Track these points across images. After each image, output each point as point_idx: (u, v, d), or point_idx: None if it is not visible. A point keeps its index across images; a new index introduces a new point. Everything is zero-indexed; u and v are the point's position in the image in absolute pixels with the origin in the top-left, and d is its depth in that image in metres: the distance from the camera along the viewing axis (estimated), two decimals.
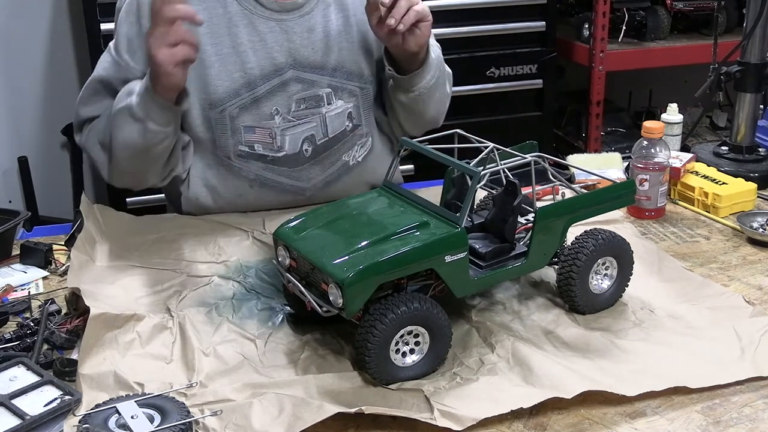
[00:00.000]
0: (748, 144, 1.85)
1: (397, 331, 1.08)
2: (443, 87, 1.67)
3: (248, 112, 1.55)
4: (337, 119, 1.61)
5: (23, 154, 3.05)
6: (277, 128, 1.56)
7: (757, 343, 1.17)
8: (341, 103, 1.61)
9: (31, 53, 3.00)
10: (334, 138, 1.61)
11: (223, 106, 1.54)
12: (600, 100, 3.05)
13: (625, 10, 3.05)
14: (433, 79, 1.59)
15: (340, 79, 1.60)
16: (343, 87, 1.61)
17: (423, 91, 1.60)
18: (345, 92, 1.61)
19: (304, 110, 1.58)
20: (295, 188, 1.62)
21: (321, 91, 1.59)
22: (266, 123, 1.56)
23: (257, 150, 1.57)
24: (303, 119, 1.58)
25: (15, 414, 1.03)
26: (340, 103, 1.61)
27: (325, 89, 1.59)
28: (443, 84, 1.66)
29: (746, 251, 1.50)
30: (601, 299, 1.28)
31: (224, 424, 1.01)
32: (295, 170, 1.60)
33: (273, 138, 1.56)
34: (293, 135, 1.57)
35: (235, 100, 1.54)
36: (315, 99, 1.58)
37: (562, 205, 1.26)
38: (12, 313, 1.30)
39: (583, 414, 1.05)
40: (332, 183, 1.65)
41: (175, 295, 1.32)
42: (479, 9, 2.89)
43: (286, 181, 1.61)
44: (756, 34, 1.77)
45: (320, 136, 1.60)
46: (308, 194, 1.63)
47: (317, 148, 1.60)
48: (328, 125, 1.60)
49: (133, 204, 2.66)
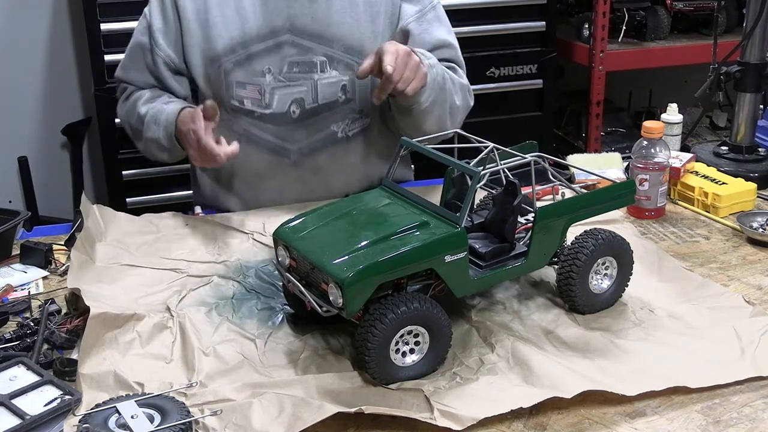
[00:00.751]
0: (748, 144, 1.85)
1: (397, 331, 1.08)
2: (444, 105, 1.63)
3: (241, 68, 1.62)
4: (329, 88, 1.64)
5: (23, 154, 3.05)
6: (267, 86, 1.62)
7: (757, 343, 1.17)
8: (336, 73, 1.64)
9: (31, 53, 3.00)
10: (323, 105, 1.64)
11: (219, 61, 1.62)
12: (600, 100, 3.05)
13: (625, 10, 3.04)
14: (428, 100, 1.57)
15: (337, 51, 1.63)
16: (339, 59, 1.64)
17: (419, 109, 1.59)
18: (341, 64, 1.64)
19: (296, 73, 1.62)
20: (280, 148, 1.66)
21: (315, 58, 1.62)
22: (257, 80, 1.62)
23: (246, 105, 1.64)
24: (294, 82, 1.63)
25: (15, 414, 1.03)
26: (334, 73, 1.64)
27: (319, 57, 1.63)
28: (444, 102, 1.63)
29: (746, 251, 1.50)
30: (601, 299, 1.28)
31: (224, 423, 1.01)
32: (280, 128, 1.64)
33: (262, 95, 1.62)
34: (282, 95, 1.62)
35: (231, 56, 1.62)
36: (308, 64, 1.62)
37: (562, 205, 1.26)
38: (12, 313, 1.30)
39: (583, 414, 1.05)
40: (318, 151, 1.67)
41: (175, 295, 1.32)
42: (479, 9, 2.88)
43: (271, 139, 1.65)
44: (756, 34, 1.77)
45: (309, 100, 1.63)
46: (293, 158, 1.66)
47: (305, 112, 1.64)
48: (319, 92, 1.63)
49: (133, 204, 2.67)
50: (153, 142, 1.64)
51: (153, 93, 1.70)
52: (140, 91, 1.72)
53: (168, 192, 2.68)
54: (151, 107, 1.65)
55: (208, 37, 1.62)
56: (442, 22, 1.74)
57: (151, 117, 1.64)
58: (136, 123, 1.68)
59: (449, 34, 1.74)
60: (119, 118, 1.79)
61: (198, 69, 1.65)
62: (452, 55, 1.74)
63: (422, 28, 1.69)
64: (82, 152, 3.11)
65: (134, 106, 1.70)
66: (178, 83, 1.70)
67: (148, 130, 1.64)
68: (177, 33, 1.64)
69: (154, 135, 1.63)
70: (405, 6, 1.68)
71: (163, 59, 1.66)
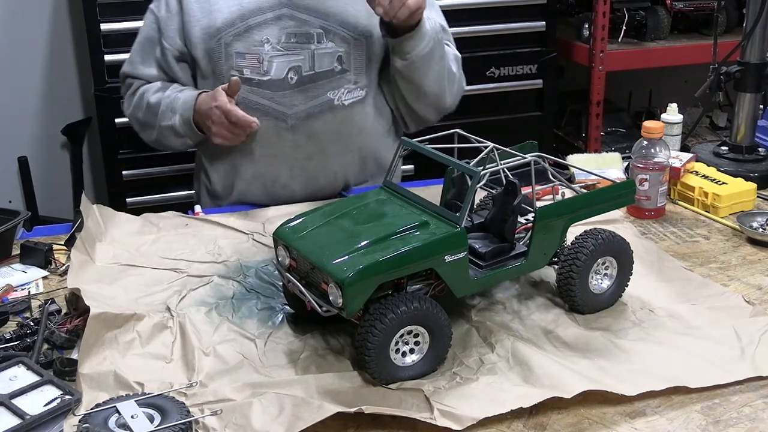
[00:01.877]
0: (747, 144, 1.85)
1: (397, 331, 1.08)
2: (441, 61, 1.72)
3: (240, 40, 1.68)
4: (325, 57, 1.70)
5: (23, 154, 3.05)
6: (265, 54, 1.68)
7: (757, 342, 1.17)
8: (332, 45, 1.69)
9: (31, 53, 3.00)
10: (320, 73, 1.69)
11: (219, 35, 1.68)
12: (600, 100, 3.05)
13: (625, 10, 3.04)
14: (427, 47, 1.66)
15: (333, 24, 1.69)
16: (335, 32, 1.69)
17: (417, 58, 1.66)
18: (337, 37, 1.70)
19: (294, 43, 1.68)
20: (277, 112, 1.70)
21: (312, 30, 1.69)
22: (256, 49, 1.68)
23: (245, 74, 1.68)
24: (291, 51, 1.68)
25: (15, 414, 1.03)
26: (330, 44, 1.69)
27: (316, 29, 1.68)
28: (441, 58, 1.72)
29: (746, 251, 1.50)
30: (601, 299, 1.28)
31: (224, 423, 1.01)
32: (277, 94, 1.69)
33: (260, 63, 1.68)
34: (280, 62, 1.68)
35: (231, 29, 1.68)
36: (306, 36, 1.68)
37: (562, 205, 1.26)
38: (12, 313, 1.30)
39: (582, 414, 1.05)
40: (314, 117, 1.71)
41: (175, 295, 1.32)
42: (479, 9, 2.88)
43: (269, 104, 1.69)
44: (756, 34, 1.77)
45: (307, 68, 1.69)
46: (290, 123, 1.70)
47: (302, 79, 1.69)
48: (316, 61, 1.69)
49: (133, 204, 2.67)
50: (168, 129, 1.72)
51: (160, 84, 1.77)
52: (146, 85, 1.78)
53: (168, 192, 2.68)
54: (165, 96, 1.72)
55: (209, 14, 1.68)
56: (434, 7, 1.80)
57: (167, 105, 1.71)
58: (146, 115, 1.75)
59: (441, 18, 1.82)
60: (126, 112, 1.84)
61: (199, 45, 1.69)
62: (449, 40, 1.82)
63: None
64: (82, 152, 3.11)
65: (142, 98, 1.76)
66: (183, 72, 1.76)
67: (164, 119, 1.71)
68: (179, 16, 1.71)
69: (169, 122, 1.71)
70: None
71: (171, 50, 1.73)
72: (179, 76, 1.76)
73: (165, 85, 1.76)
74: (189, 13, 1.70)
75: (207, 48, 1.69)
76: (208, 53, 1.70)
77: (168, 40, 1.73)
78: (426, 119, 1.84)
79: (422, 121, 1.85)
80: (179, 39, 1.72)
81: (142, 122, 1.78)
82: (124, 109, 1.84)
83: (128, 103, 1.81)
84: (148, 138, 1.82)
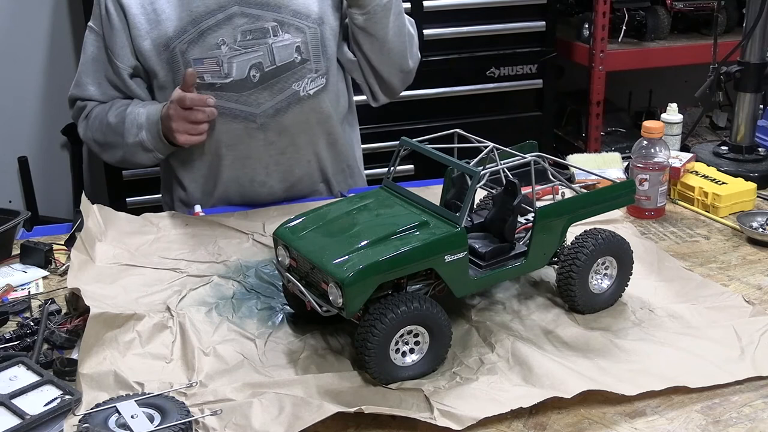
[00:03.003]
0: (747, 144, 1.85)
1: (397, 331, 1.08)
2: (401, 17, 1.72)
3: (196, 45, 1.65)
4: (284, 50, 1.68)
5: (23, 154, 3.05)
6: (223, 56, 1.65)
7: (757, 342, 1.17)
8: (288, 36, 1.68)
9: (31, 53, 3.00)
10: (282, 67, 1.68)
11: (173, 44, 1.65)
12: (600, 100, 3.05)
13: (625, 10, 3.05)
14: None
15: (286, 15, 1.68)
16: (289, 23, 1.68)
17: (377, 9, 1.65)
18: (292, 27, 1.69)
19: (250, 40, 1.66)
20: (245, 114, 1.68)
21: (267, 24, 1.67)
22: (213, 53, 1.65)
23: (207, 79, 1.66)
24: (249, 48, 1.66)
25: (15, 414, 1.03)
26: (287, 36, 1.68)
27: (270, 23, 1.67)
28: (400, 13, 1.72)
29: (746, 251, 1.50)
30: (600, 299, 1.28)
31: (224, 423, 1.01)
32: (242, 95, 1.67)
33: (220, 66, 1.65)
34: (240, 62, 1.66)
35: (183, 36, 1.64)
36: (261, 31, 1.67)
37: (562, 205, 1.26)
38: (12, 313, 1.30)
39: (582, 414, 1.05)
40: (283, 111, 1.70)
41: (175, 295, 1.32)
42: (479, 9, 2.89)
43: (236, 106, 1.68)
44: (756, 34, 1.77)
45: (267, 63, 1.67)
46: (259, 122, 1.70)
47: (265, 75, 1.67)
48: (276, 55, 1.67)
49: (133, 204, 2.67)
50: (136, 145, 1.68)
51: (118, 103, 1.73)
52: (99, 106, 1.74)
53: None
54: (127, 113, 1.68)
55: (157, 24, 1.65)
56: None
57: (131, 122, 1.66)
58: (108, 135, 1.71)
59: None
60: (82, 136, 1.79)
61: (153, 58, 1.66)
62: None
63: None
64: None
65: (100, 120, 1.72)
66: (139, 87, 1.73)
67: (129, 135, 1.67)
68: (125, 32, 1.66)
69: (137, 138, 1.67)
70: None
71: (123, 68, 1.69)
72: (135, 92, 1.73)
73: (122, 103, 1.72)
74: (136, 27, 1.65)
75: (162, 59, 1.66)
76: (164, 64, 1.66)
77: (118, 58, 1.68)
78: (392, 85, 1.81)
79: (389, 89, 1.82)
80: (131, 55, 1.68)
81: (103, 143, 1.74)
82: (80, 133, 1.79)
83: (83, 126, 1.77)
84: (111, 158, 1.78)
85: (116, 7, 1.65)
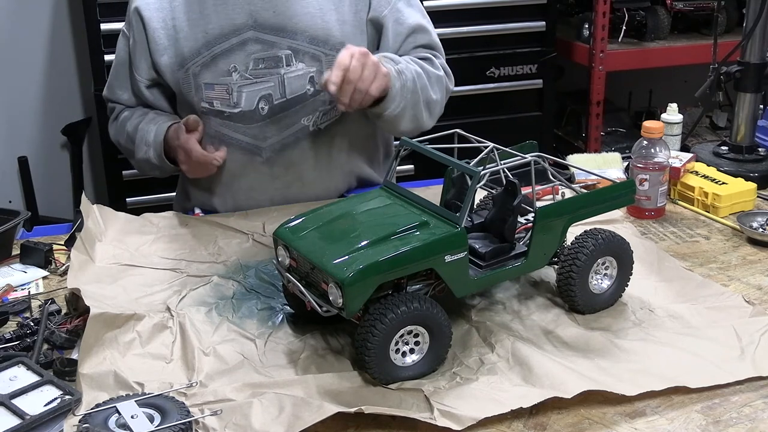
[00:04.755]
0: (747, 144, 1.85)
1: (397, 331, 1.08)
2: (417, 106, 1.63)
3: (208, 70, 1.62)
4: (296, 81, 1.62)
5: (23, 154, 3.05)
6: (234, 84, 1.62)
7: (757, 343, 1.17)
8: (302, 66, 1.62)
9: (31, 53, 3.00)
10: (292, 100, 1.63)
11: (187, 65, 1.63)
12: (600, 100, 3.05)
13: (625, 10, 3.05)
14: (398, 108, 1.58)
15: (302, 42, 1.62)
16: (305, 50, 1.62)
17: (389, 117, 1.59)
18: (307, 56, 1.62)
19: (262, 69, 1.62)
20: (252, 146, 1.65)
21: (280, 52, 1.61)
22: (224, 79, 1.62)
23: (216, 106, 1.63)
24: (261, 78, 1.62)
25: (15, 414, 1.03)
26: (300, 65, 1.62)
27: (284, 51, 1.61)
28: (416, 103, 1.62)
29: (746, 251, 1.50)
30: (601, 299, 1.28)
31: (224, 423, 1.01)
32: (250, 127, 1.64)
33: (230, 94, 1.62)
34: (250, 92, 1.62)
35: (197, 58, 1.62)
36: (274, 60, 1.61)
37: (562, 205, 1.26)
38: (12, 313, 1.30)
39: (583, 414, 1.05)
40: (290, 147, 1.66)
41: (175, 295, 1.32)
42: (479, 9, 2.89)
43: (242, 138, 1.65)
44: (756, 34, 1.77)
45: (278, 96, 1.63)
46: (265, 156, 1.66)
47: (273, 108, 1.63)
48: (287, 86, 1.62)
49: (133, 204, 2.67)
50: (145, 162, 1.69)
51: (138, 112, 1.73)
52: (127, 111, 1.74)
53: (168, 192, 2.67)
54: (139, 128, 1.67)
55: (175, 42, 1.63)
56: (414, 5, 1.72)
57: (140, 138, 1.66)
58: (127, 143, 1.72)
59: (423, 17, 1.73)
60: (111, 138, 1.80)
61: (168, 75, 1.65)
62: (428, 40, 1.73)
63: (394, 17, 1.68)
64: (82, 152, 3.11)
65: (123, 126, 1.73)
66: (157, 97, 1.72)
67: (139, 151, 1.67)
68: (145, 44, 1.65)
69: (144, 155, 1.67)
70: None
71: (141, 80, 1.68)
72: (153, 102, 1.72)
73: (141, 113, 1.71)
74: (155, 41, 1.63)
75: (176, 78, 1.65)
76: (177, 84, 1.65)
77: (138, 70, 1.68)
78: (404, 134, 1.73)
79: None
80: (149, 68, 1.67)
81: (125, 149, 1.76)
82: (110, 133, 1.80)
83: (113, 128, 1.78)
84: (133, 163, 1.79)
85: (137, 20, 1.65)
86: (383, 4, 1.67)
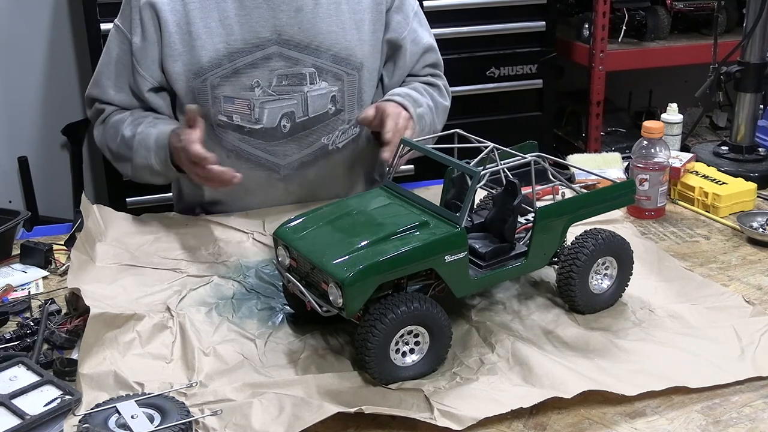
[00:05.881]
0: (748, 144, 1.85)
1: (397, 331, 1.08)
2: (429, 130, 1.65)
3: (228, 83, 1.57)
4: (319, 100, 1.61)
5: (23, 154, 3.05)
6: (256, 100, 1.58)
7: (757, 343, 1.17)
8: (325, 84, 1.61)
9: (31, 53, 3.00)
10: (314, 118, 1.62)
11: (205, 75, 1.57)
12: (600, 100, 3.05)
13: (625, 10, 3.05)
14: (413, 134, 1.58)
15: (326, 61, 1.61)
16: (328, 69, 1.61)
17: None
18: (330, 75, 1.62)
19: (285, 86, 1.59)
20: (270, 163, 1.63)
21: (304, 69, 1.59)
22: (246, 94, 1.58)
23: (235, 121, 1.59)
24: (284, 95, 1.59)
25: (15, 414, 1.03)
26: (323, 84, 1.61)
27: (308, 68, 1.60)
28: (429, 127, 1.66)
29: (746, 251, 1.50)
30: (601, 299, 1.28)
31: (224, 423, 1.01)
32: (270, 144, 1.62)
33: (251, 110, 1.59)
34: (272, 109, 1.59)
35: (217, 70, 1.57)
36: (297, 77, 1.59)
37: (562, 205, 1.26)
38: (12, 313, 1.30)
39: (583, 414, 1.05)
40: (308, 165, 1.66)
41: (175, 295, 1.32)
42: (479, 9, 2.89)
43: (262, 154, 1.63)
44: (756, 34, 1.77)
45: (300, 114, 1.61)
46: (282, 173, 1.65)
47: (296, 126, 1.61)
48: (309, 105, 1.61)
49: (133, 204, 2.67)
50: (144, 168, 1.58)
51: (136, 114, 1.62)
52: (120, 113, 1.63)
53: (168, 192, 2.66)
54: (138, 131, 1.57)
55: (191, 50, 1.56)
56: (423, 24, 1.75)
57: (139, 142, 1.56)
58: (120, 148, 1.60)
59: (430, 36, 1.77)
60: (97, 143, 1.69)
61: (181, 83, 1.58)
62: (435, 59, 1.77)
63: (412, 37, 1.70)
64: (82, 152, 3.11)
65: (116, 129, 1.61)
66: (159, 101, 1.63)
67: (138, 156, 1.57)
68: (158, 46, 1.57)
69: (144, 161, 1.56)
70: (392, 15, 1.67)
71: (148, 81, 1.59)
72: (154, 105, 1.62)
73: (139, 115, 1.61)
74: (169, 45, 1.55)
75: (190, 87, 1.57)
76: (191, 92, 1.58)
77: (146, 70, 1.58)
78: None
79: None
80: (159, 71, 1.58)
81: (116, 154, 1.63)
82: (95, 137, 1.68)
83: (99, 131, 1.66)
84: (123, 171, 1.65)
85: (154, 20, 1.56)
86: (402, 26, 1.68)
